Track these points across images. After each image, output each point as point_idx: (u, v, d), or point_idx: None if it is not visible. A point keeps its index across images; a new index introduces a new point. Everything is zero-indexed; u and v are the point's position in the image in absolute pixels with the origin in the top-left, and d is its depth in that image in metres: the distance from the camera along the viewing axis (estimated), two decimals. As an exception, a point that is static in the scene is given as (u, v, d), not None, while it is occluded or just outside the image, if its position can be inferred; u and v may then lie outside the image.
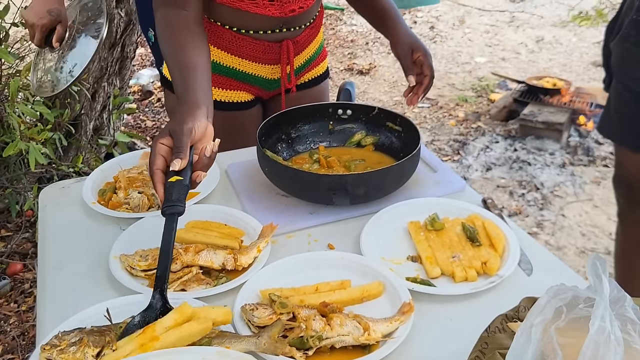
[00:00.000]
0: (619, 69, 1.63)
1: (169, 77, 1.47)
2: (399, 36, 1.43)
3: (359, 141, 1.40)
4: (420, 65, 1.39)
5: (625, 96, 1.63)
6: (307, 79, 1.55)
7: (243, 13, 1.32)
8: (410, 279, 0.99)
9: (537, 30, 5.69)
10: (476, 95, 4.27)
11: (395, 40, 1.43)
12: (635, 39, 1.51)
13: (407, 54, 1.40)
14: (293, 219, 1.16)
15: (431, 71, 1.39)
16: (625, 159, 1.74)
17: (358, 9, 1.57)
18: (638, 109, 1.60)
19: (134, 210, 1.17)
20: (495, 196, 2.95)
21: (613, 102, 1.70)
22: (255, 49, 1.40)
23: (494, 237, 1.05)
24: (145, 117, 3.87)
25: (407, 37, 1.42)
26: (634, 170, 1.71)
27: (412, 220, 1.14)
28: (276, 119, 1.34)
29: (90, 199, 1.19)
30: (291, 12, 1.35)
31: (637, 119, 1.62)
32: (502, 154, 3.34)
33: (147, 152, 1.35)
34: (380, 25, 1.49)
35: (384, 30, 1.48)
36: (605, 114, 1.74)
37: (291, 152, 1.37)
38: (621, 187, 1.81)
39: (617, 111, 1.68)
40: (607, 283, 0.51)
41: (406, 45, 1.41)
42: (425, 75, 1.38)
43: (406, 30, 1.44)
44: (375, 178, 1.14)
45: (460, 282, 0.99)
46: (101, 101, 2.95)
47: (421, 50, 1.40)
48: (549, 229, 2.70)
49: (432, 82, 1.40)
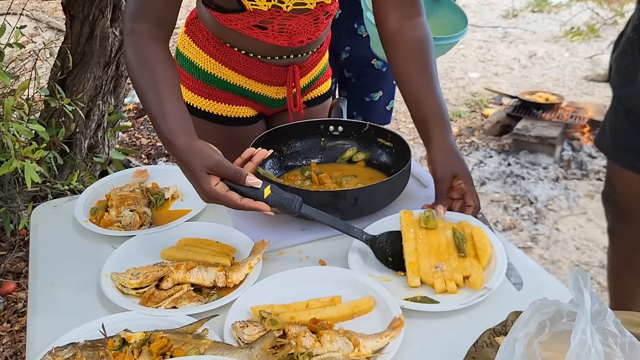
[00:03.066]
0: (615, 84, 1.65)
1: None
2: (441, 153, 1.18)
3: (350, 157, 1.41)
4: (461, 193, 1.17)
5: (619, 112, 1.65)
6: (310, 97, 1.57)
7: (253, 40, 1.35)
8: (410, 299, 0.99)
9: (530, 45, 5.75)
10: (470, 110, 4.30)
11: (434, 158, 1.19)
12: (632, 56, 1.53)
13: (447, 178, 1.16)
14: (284, 236, 1.16)
15: (476, 201, 1.16)
16: (615, 175, 1.75)
17: (405, 98, 1.28)
18: (629, 126, 1.62)
19: (126, 228, 1.17)
20: (490, 210, 2.96)
21: (609, 117, 1.72)
22: (263, 72, 1.42)
23: (480, 247, 1.05)
24: (141, 134, 3.88)
25: (450, 157, 1.18)
26: (621, 186, 1.72)
27: (405, 210, 1.13)
28: (268, 136, 1.35)
29: (82, 217, 1.19)
30: (299, 43, 1.37)
31: (629, 135, 1.63)
32: (496, 168, 3.36)
33: (140, 169, 1.36)
34: (422, 129, 1.24)
35: (424, 137, 1.24)
36: (601, 128, 1.76)
37: (283, 168, 1.38)
38: (609, 203, 1.82)
39: (610, 126, 1.69)
40: (589, 297, 0.52)
41: (447, 168, 1.17)
42: (469, 205, 1.17)
43: (450, 146, 1.19)
44: (365, 194, 1.15)
45: (440, 293, 1.00)
46: (96, 119, 2.96)
47: (464, 177, 1.17)
48: (543, 243, 2.71)
49: (478, 213, 1.17)
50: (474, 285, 1.00)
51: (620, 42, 1.61)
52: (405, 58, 1.27)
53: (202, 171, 1.02)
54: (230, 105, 1.47)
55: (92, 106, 2.90)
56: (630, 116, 1.61)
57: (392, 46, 1.29)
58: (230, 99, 1.47)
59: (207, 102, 1.46)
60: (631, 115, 1.60)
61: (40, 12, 5.71)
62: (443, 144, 1.19)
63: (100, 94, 2.91)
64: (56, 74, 2.64)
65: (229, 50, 1.41)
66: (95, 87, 2.86)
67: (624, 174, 1.68)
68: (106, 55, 2.81)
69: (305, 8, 1.31)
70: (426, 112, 1.22)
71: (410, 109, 1.27)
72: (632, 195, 1.70)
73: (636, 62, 1.52)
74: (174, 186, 1.30)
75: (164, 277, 1.00)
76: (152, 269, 1.01)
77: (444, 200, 1.15)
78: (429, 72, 1.25)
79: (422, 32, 1.30)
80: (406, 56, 1.27)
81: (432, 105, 1.22)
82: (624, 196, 1.72)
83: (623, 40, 1.59)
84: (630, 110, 1.60)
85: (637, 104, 1.56)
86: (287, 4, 1.29)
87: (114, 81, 2.97)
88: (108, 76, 2.90)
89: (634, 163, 1.63)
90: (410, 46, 1.28)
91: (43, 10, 5.71)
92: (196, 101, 1.47)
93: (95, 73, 2.82)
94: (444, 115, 1.22)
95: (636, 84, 1.52)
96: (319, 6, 1.34)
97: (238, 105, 1.48)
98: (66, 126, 2.62)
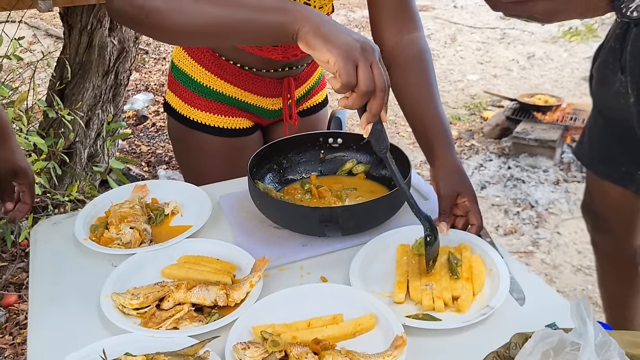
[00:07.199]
0: (596, 93, 1.64)
1: (171, 103, 1.49)
2: (445, 171, 1.17)
3: (350, 169, 1.40)
4: (465, 211, 1.16)
5: (599, 121, 1.64)
6: (306, 107, 1.58)
7: (248, 54, 1.35)
8: (412, 316, 0.99)
9: (528, 46, 5.75)
10: (469, 113, 4.29)
11: (438, 175, 1.18)
12: (613, 65, 1.52)
13: (451, 196, 1.15)
14: (285, 252, 1.16)
15: (479, 220, 1.15)
16: (593, 186, 1.73)
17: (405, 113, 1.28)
18: (608, 136, 1.61)
19: (126, 246, 1.16)
20: (490, 215, 2.96)
21: (588, 126, 1.71)
22: (257, 84, 1.43)
23: (476, 274, 1.05)
24: (140, 142, 3.88)
25: (454, 175, 1.17)
26: (599, 197, 1.70)
27: (402, 244, 1.15)
28: (267, 150, 1.34)
29: (82, 235, 1.19)
30: (294, 56, 1.37)
31: (607, 145, 1.62)
32: (496, 172, 3.36)
33: (140, 185, 1.36)
34: (425, 145, 1.23)
35: (427, 153, 1.23)
36: (580, 137, 1.75)
37: (283, 181, 1.37)
38: (589, 214, 1.81)
39: (590, 136, 1.68)
40: (592, 327, 0.52)
41: (451, 186, 1.16)
42: (472, 224, 1.15)
43: (454, 163, 1.18)
44: (366, 209, 1.15)
45: (427, 310, 1.00)
46: (95, 128, 2.96)
47: (468, 195, 1.15)
48: (544, 247, 2.70)
49: (480, 233, 1.16)
50: (462, 307, 0.99)
51: (601, 51, 1.61)
52: (404, 73, 1.27)
53: None
54: (227, 117, 1.47)
55: (92, 115, 2.90)
56: (609, 126, 1.60)
57: (391, 61, 1.28)
58: (226, 110, 1.46)
59: (204, 115, 1.46)
60: (610, 125, 1.59)
61: (38, 19, 5.71)
62: (447, 161, 1.18)
63: (99, 103, 2.91)
64: (55, 84, 2.64)
65: (224, 63, 1.40)
66: (94, 96, 2.87)
67: (601, 184, 1.66)
68: (105, 64, 2.81)
69: None
70: (428, 129, 1.21)
71: (411, 124, 1.26)
72: (610, 206, 1.68)
73: (616, 71, 1.51)
74: (174, 201, 1.30)
75: (165, 297, 1.00)
76: (153, 289, 1.01)
77: (447, 218, 1.14)
78: (430, 87, 1.25)
79: (420, 47, 1.29)
80: (405, 71, 1.27)
81: (434, 122, 1.21)
82: (603, 207, 1.71)
83: (604, 50, 1.58)
84: (610, 120, 1.59)
85: (617, 113, 1.54)
86: None
87: (113, 90, 2.98)
88: (107, 85, 2.90)
89: (611, 173, 1.61)
90: (409, 60, 1.27)
91: (41, 18, 5.71)
92: (193, 114, 1.47)
93: (94, 82, 2.82)
94: (446, 132, 1.20)
95: (616, 93, 1.51)
96: None
97: (234, 116, 1.48)
98: (65, 136, 2.62)
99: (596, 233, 1.81)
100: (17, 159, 1.32)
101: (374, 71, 0.89)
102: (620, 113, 1.51)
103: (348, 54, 0.87)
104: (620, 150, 1.58)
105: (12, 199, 1.32)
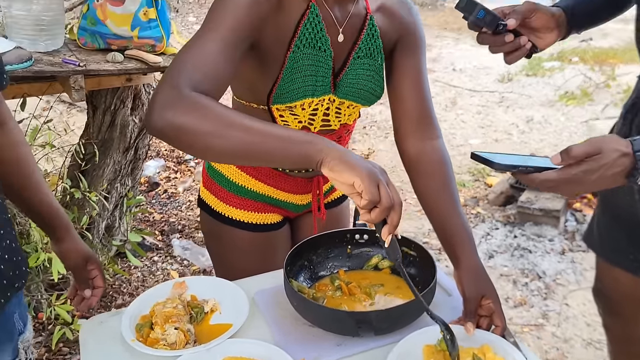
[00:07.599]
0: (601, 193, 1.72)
1: (206, 200, 1.58)
2: (469, 273, 1.27)
3: (376, 264, 1.49)
4: (489, 312, 1.23)
5: (607, 209, 1.72)
6: (330, 200, 1.68)
7: None
8: None
9: (527, 110, 5.92)
10: (473, 179, 4.41)
11: (463, 278, 1.27)
12: None
13: (475, 298, 1.23)
14: (321, 352, 1.23)
15: (503, 322, 1.22)
16: (604, 271, 1.80)
17: (430, 218, 1.39)
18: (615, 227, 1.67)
19: (172, 347, 1.23)
20: (500, 285, 3.02)
21: (596, 213, 1.79)
22: (290, 183, 1.54)
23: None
24: (153, 209, 3.96)
25: (478, 277, 1.26)
26: (609, 283, 1.78)
27: (428, 344, 1.21)
28: (299, 248, 1.43)
29: (129, 335, 1.26)
30: None
31: (615, 235, 1.68)
32: (503, 241, 3.44)
33: (179, 282, 1.43)
34: (449, 248, 1.32)
35: (451, 256, 1.32)
36: (590, 224, 1.82)
37: (314, 278, 1.45)
38: (600, 298, 1.87)
39: (598, 223, 1.76)
40: None
41: (476, 288, 1.24)
42: (497, 326, 1.22)
43: (478, 266, 1.27)
44: (397, 312, 1.23)
45: None
46: (114, 201, 3.06)
47: (492, 297, 1.23)
48: (554, 320, 2.76)
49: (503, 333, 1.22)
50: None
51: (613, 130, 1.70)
52: (427, 179, 1.38)
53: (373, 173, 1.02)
54: (259, 213, 1.57)
55: (111, 189, 3.00)
56: (616, 220, 1.67)
57: (414, 168, 1.40)
58: (259, 207, 1.56)
59: (238, 212, 1.56)
60: (617, 219, 1.66)
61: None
62: (471, 264, 1.28)
63: (118, 177, 3.01)
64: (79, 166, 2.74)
65: None
66: (114, 171, 2.97)
67: (612, 270, 1.73)
68: (126, 141, 2.92)
69: (330, 129, 1.43)
70: (452, 232, 1.32)
71: (435, 228, 1.37)
72: (620, 291, 1.75)
73: None
74: (213, 299, 1.37)
75: (214, 403, 1.06)
76: (203, 395, 1.07)
77: (472, 318, 1.23)
78: (451, 192, 1.35)
79: (441, 154, 1.41)
80: (428, 177, 1.38)
81: (457, 225, 1.32)
82: (614, 292, 1.77)
83: (615, 130, 1.67)
84: (617, 215, 1.67)
85: (621, 200, 1.61)
86: (315, 126, 1.40)
87: (132, 164, 3.09)
88: (127, 160, 3.01)
89: (621, 261, 1.68)
90: (432, 167, 1.39)
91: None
92: (227, 211, 1.56)
93: (115, 158, 2.93)
94: (469, 237, 1.31)
95: (622, 191, 1.56)
96: (342, 127, 1.46)
97: (266, 212, 1.58)
98: (87, 213, 2.71)
99: (608, 316, 1.87)
100: (84, 247, 1.42)
101: (391, 189, 1.02)
102: (627, 208, 1.60)
103: (371, 176, 1.00)
104: (628, 241, 1.66)
105: (88, 286, 1.41)
